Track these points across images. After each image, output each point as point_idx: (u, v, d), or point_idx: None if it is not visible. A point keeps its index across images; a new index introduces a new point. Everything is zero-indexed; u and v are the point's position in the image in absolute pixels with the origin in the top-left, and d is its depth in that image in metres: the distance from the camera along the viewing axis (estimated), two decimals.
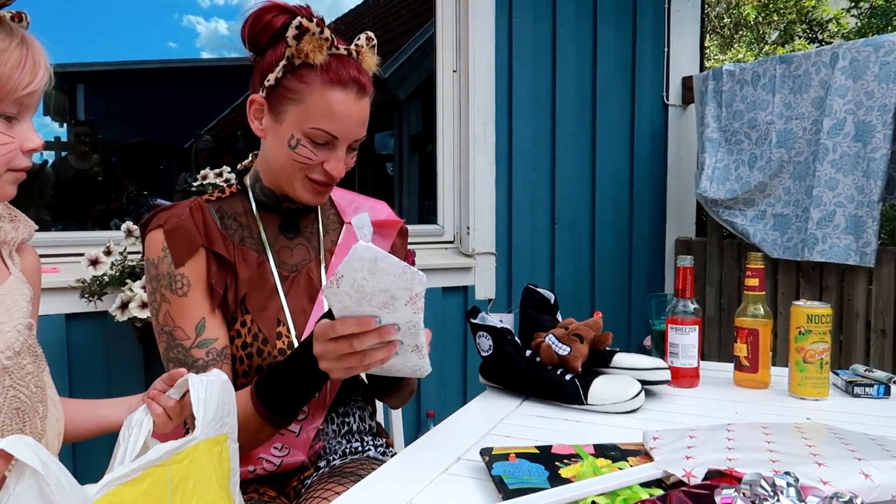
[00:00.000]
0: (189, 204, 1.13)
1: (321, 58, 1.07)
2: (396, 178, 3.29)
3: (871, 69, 2.29)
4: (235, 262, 1.12)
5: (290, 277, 1.17)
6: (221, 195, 1.19)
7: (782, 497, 0.65)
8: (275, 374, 1.05)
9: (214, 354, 1.09)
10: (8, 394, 0.85)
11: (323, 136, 1.08)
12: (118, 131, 2.61)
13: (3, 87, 0.82)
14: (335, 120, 1.08)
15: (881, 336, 2.40)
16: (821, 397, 1.27)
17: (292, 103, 1.08)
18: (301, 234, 1.21)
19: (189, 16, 2.77)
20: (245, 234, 1.16)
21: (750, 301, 1.35)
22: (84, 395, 1.10)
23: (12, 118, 0.85)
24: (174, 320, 1.09)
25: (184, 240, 1.09)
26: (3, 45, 0.82)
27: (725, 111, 2.78)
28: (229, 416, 0.93)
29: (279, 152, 1.11)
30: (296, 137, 1.09)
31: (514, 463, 0.88)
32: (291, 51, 1.06)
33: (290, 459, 1.16)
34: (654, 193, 3.09)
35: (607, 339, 1.28)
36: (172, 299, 1.09)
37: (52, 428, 0.92)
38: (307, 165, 1.10)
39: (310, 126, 1.08)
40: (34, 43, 0.86)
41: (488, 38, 2.58)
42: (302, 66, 1.07)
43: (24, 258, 0.99)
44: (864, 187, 2.32)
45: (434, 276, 2.49)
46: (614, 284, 2.99)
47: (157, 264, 1.09)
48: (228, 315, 1.12)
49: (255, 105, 1.13)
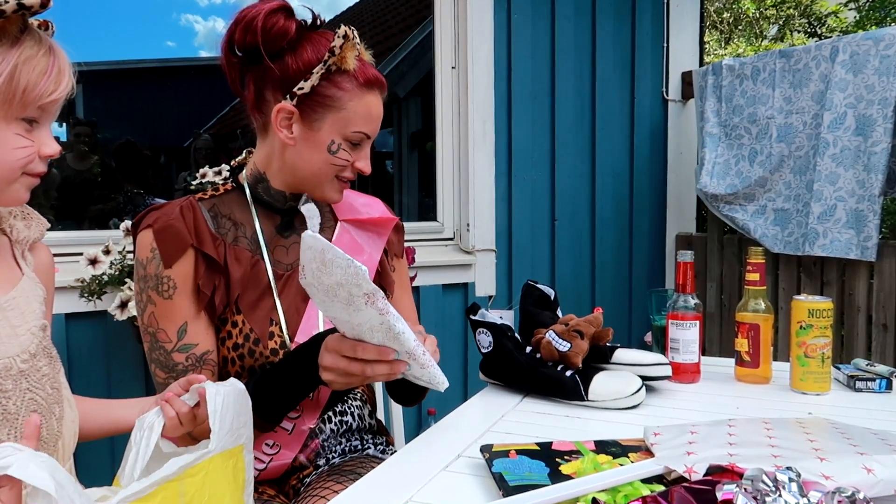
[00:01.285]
0: (181, 203, 1.12)
1: (353, 63, 1.09)
2: (396, 176, 3.28)
3: (871, 63, 2.29)
4: (227, 262, 1.11)
5: (284, 276, 1.17)
6: (216, 193, 1.19)
7: (784, 492, 0.65)
8: (263, 379, 1.06)
9: (193, 360, 1.09)
10: (25, 396, 0.86)
11: (360, 137, 1.13)
12: (117, 131, 2.61)
13: (30, 93, 0.83)
14: (372, 121, 1.13)
15: (882, 330, 2.39)
16: (822, 392, 1.27)
17: (331, 110, 1.09)
18: (296, 232, 1.20)
19: (187, 15, 2.77)
20: (239, 233, 1.15)
21: (751, 296, 1.35)
22: (84, 395, 1.10)
23: (34, 122, 0.86)
24: (158, 322, 1.09)
25: (173, 240, 1.08)
26: (32, 52, 0.84)
27: (725, 106, 2.77)
28: (245, 428, 0.93)
29: (313, 158, 1.12)
30: (337, 143, 1.11)
31: (514, 460, 0.87)
32: (335, 60, 1.07)
33: (280, 459, 1.15)
34: (655, 189, 3.09)
35: (608, 335, 1.28)
36: (158, 301, 1.09)
37: (69, 429, 0.92)
38: (342, 167, 1.13)
39: (352, 130, 1.11)
40: (60, 52, 0.87)
41: (487, 35, 2.57)
42: (336, 73, 1.09)
43: (38, 257, 0.99)
44: (864, 181, 2.31)
45: (434, 273, 2.48)
46: (614, 280, 2.99)
47: (145, 265, 1.09)
48: (215, 318, 1.12)
49: (282, 114, 1.10)
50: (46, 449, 0.88)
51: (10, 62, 0.82)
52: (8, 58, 0.82)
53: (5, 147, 0.83)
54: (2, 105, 0.82)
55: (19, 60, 0.82)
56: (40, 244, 1.01)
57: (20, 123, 0.84)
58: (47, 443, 0.88)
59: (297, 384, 1.05)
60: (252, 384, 1.04)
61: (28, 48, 0.83)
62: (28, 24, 0.85)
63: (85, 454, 1.81)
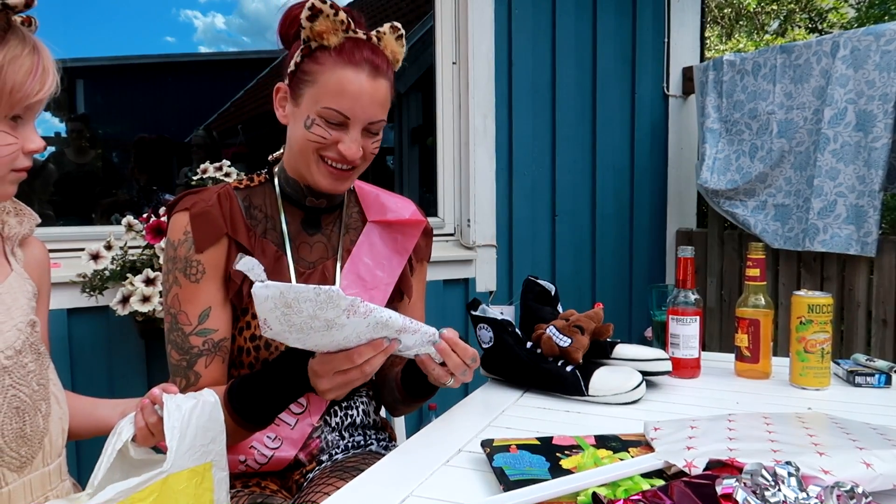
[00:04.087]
0: (218, 190, 1.15)
1: (336, 39, 1.08)
2: (397, 171, 3.28)
3: (871, 58, 2.28)
4: (255, 253, 1.13)
5: (305, 273, 1.18)
6: (250, 184, 1.20)
7: (783, 487, 0.65)
8: (249, 384, 1.06)
9: (210, 345, 1.10)
10: (8, 393, 0.85)
11: (335, 115, 1.09)
12: (118, 126, 2.60)
13: (16, 93, 0.83)
14: (346, 98, 1.08)
15: (882, 326, 2.40)
16: (822, 387, 1.27)
17: (308, 85, 1.10)
18: (321, 231, 1.22)
19: (186, 10, 2.76)
20: (268, 226, 1.17)
21: (751, 291, 1.35)
22: (86, 390, 1.10)
23: (18, 118, 0.86)
24: (181, 304, 1.10)
25: (208, 225, 1.10)
26: (17, 51, 0.83)
27: (726, 101, 2.77)
28: (214, 443, 0.90)
29: (297, 134, 1.13)
30: (311, 118, 1.10)
31: (515, 454, 0.88)
32: (306, 33, 1.08)
33: (282, 454, 1.15)
34: (655, 184, 3.09)
35: (608, 330, 1.28)
36: (184, 283, 1.10)
37: (56, 426, 0.92)
38: (321, 144, 1.11)
39: (322, 105, 1.09)
40: (44, 50, 0.87)
41: (488, 30, 2.57)
42: (318, 49, 1.09)
43: (28, 252, 0.99)
44: (865, 177, 2.31)
45: (435, 268, 2.48)
46: (615, 276, 2.99)
47: (176, 246, 1.11)
48: (241, 305, 1.13)
49: (280, 93, 1.15)
50: (30, 446, 0.87)
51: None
52: None
53: None
54: None
55: (4, 61, 0.82)
56: (33, 239, 1.00)
57: (5, 122, 0.84)
58: (32, 439, 0.87)
59: (283, 392, 1.05)
60: (236, 391, 1.05)
61: (13, 48, 0.83)
62: (11, 23, 0.84)
63: (86, 454, 1.82)
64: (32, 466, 0.88)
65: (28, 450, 0.87)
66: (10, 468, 0.85)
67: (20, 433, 0.86)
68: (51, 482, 0.91)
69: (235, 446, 1.12)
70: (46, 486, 0.90)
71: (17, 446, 0.85)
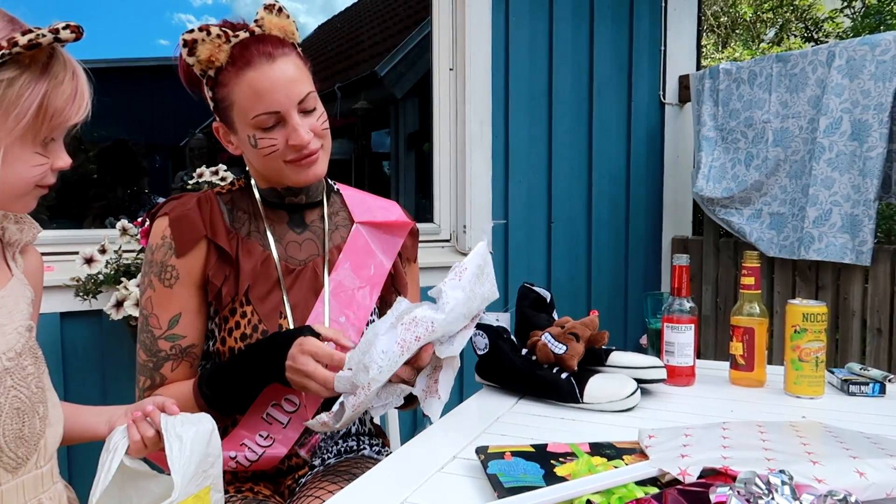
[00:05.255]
0: (199, 195, 1.17)
1: (224, 55, 1.08)
2: (393, 177, 3.28)
3: (867, 68, 2.29)
4: (238, 254, 1.15)
5: (295, 271, 1.19)
6: (232, 188, 1.23)
7: (777, 495, 0.65)
8: (221, 375, 1.09)
9: (178, 350, 1.13)
10: (9, 394, 0.86)
11: (266, 118, 1.09)
12: (113, 130, 2.60)
13: (56, 118, 0.85)
14: (263, 98, 1.08)
15: (877, 335, 2.40)
16: (816, 396, 1.27)
17: (230, 109, 1.11)
18: (309, 228, 1.23)
19: (180, 14, 2.76)
20: (252, 227, 1.19)
21: (746, 300, 1.35)
22: (79, 394, 1.10)
23: (52, 140, 0.88)
24: (153, 307, 1.13)
25: (187, 229, 1.12)
26: (59, 78, 0.85)
27: (722, 110, 2.78)
28: (213, 468, 0.93)
29: (252, 156, 1.15)
30: (251, 135, 1.11)
31: (509, 461, 0.87)
32: (199, 67, 1.09)
33: (273, 451, 1.15)
34: (651, 192, 3.09)
35: (603, 337, 1.28)
36: (158, 287, 1.12)
37: (52, 429, 0.92)
38: (276, 151, 1.11)
39: (251, 117, 1.09)
40: (81, 74, 0.88)
41: (485, 37, 2.57)
42: (217, 74, 1.09)
43: (27, 259, 1.00)
44: (860, 186, 2.32)
45: (430, 274, 2.48)
46: (610, 283, 2.99)
47: (154, 250, 1.13)
48: (221, 308, 1.14)
49: (220, 131, 1.18)
50: (27, 447, 0.88)
51: (41, 91, 0.83)
52: (38, 86, 0.82)
53: (26, 165, 0.85)
54: (30, 131, 0.83)
55: (49, 87, 0.83)
56: (31, 247, 1.02)
57: (40, 144, 0.87)
58: (29, 441, 0.88)
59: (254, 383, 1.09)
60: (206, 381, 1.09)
61: (55, 74, 0.84)
62: (55, 49, 0.85)
63: (77, 456, 1.81)
64: (27, 468, 0.89)
65: (25, 451, 0.87)
66: (7, 469, 0.86)
67: (19, 434, 0.86)
68: (43, 484, 0.92)
69: (225, 442, 1.12)
70: (39, 488, 0.91)
71: (15, 447, 0.86)
